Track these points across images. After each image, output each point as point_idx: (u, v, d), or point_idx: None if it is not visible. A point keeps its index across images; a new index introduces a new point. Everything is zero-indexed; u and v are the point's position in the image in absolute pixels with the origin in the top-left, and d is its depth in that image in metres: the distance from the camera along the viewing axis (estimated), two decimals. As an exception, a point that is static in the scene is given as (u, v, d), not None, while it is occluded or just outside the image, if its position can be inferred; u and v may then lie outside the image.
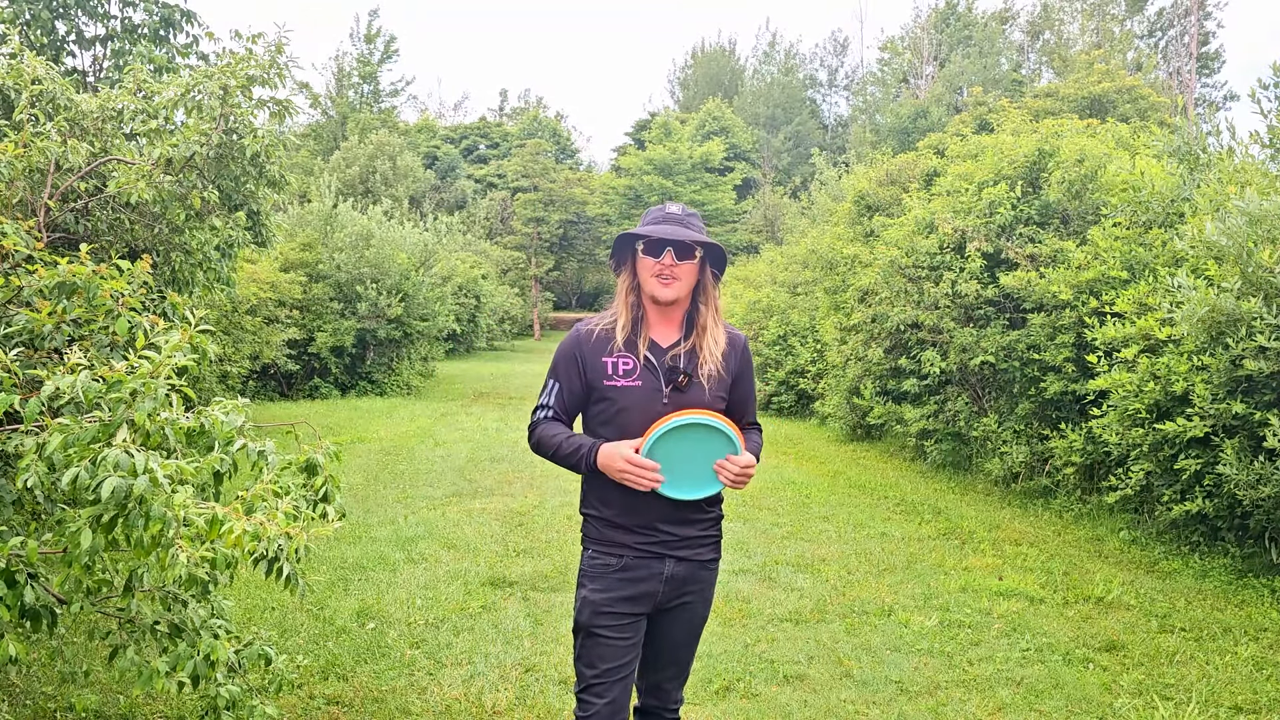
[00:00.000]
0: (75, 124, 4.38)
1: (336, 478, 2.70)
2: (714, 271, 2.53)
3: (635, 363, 2.44)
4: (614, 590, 2.43)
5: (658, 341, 2.48)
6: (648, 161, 39.31)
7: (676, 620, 2.53)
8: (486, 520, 7.15)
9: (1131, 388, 6.17)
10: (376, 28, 46.47)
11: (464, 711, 3.79)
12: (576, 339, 2.50)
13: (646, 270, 2.44)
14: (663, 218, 2.48)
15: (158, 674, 2.52)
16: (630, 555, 2.44)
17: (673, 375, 2.43)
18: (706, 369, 2.44)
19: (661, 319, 2.50)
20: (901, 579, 5.73)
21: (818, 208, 23.13)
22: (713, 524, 2.54)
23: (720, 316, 2.54)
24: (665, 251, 2.40)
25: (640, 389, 2.42)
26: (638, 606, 2.45)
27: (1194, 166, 7.19)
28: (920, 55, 45.29)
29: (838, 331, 11.70)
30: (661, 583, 2.45)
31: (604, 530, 2.47)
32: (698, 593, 2.52)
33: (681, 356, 2.46)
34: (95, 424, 2.07)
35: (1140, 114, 22.65)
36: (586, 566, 2.50)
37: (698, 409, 2.36)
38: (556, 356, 2.53)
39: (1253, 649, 4.56)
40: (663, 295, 2.42)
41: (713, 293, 2.52)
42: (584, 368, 2.46)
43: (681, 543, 2.46)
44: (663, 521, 2.44)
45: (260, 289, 14.19)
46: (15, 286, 2.64)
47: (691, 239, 2.41)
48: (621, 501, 2.43)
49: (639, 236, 2.45)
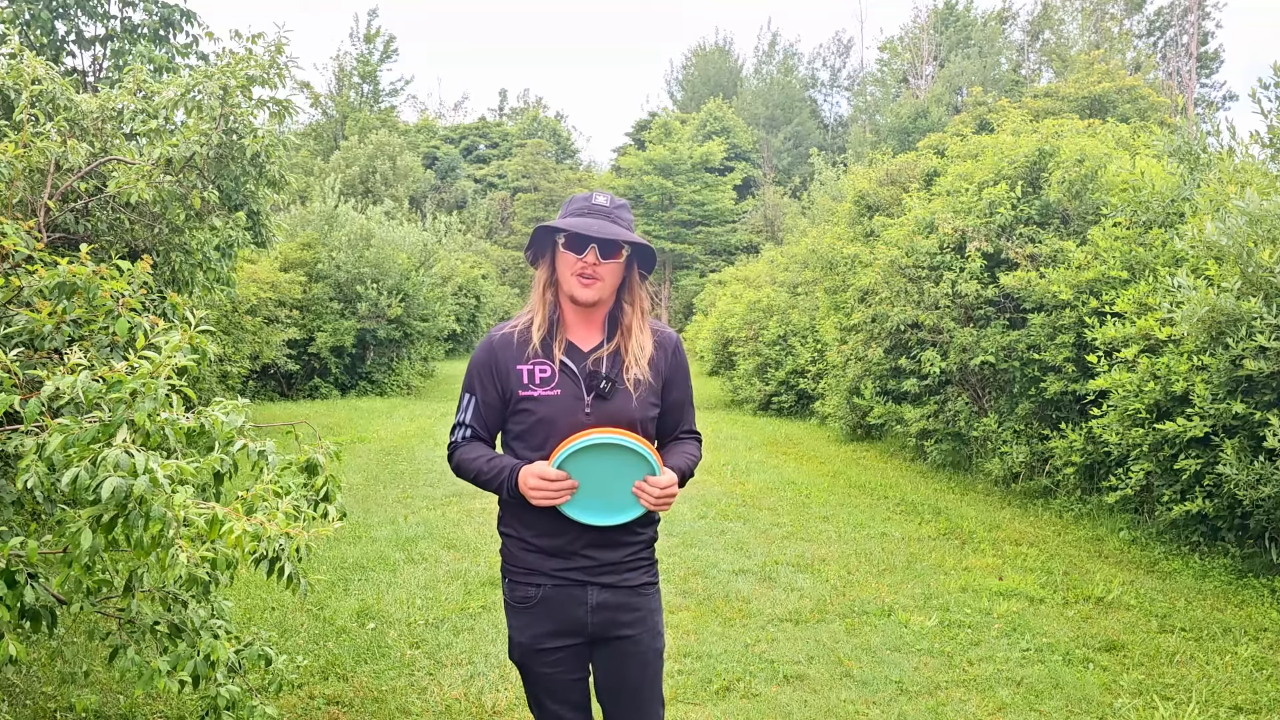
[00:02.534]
0: (75, 124, 4.38)
1: (337, 478, 2.70)
2: (641, 272, 2.30)
3: (552, 369, 2.21)
4: (537, 626, 2.24)
5: (577, 345, 2.24)
6: (648, 161, 39.29)
7: (625, 657, 2.27)
8: (486, 520, 7.15)
9: (1131, 388, 6.17)
10: (376, 27, 46.51)
11: (464, 711, 3.79)
12: (490, 346, 2.26)
13: (566, 267, 2.19)
14: (588, 209, 2.22)
15: (158, 674, 2.52)
16: (549, 584, 2.22)
17: (594, 381, 2.20)
18: (633, 374, 2.21)
19: (581, 320, 2.26)
20: (901, 579, 5.73)
21: (817, 208, 23.13)
22: (643, 546, 2.30)
23: (647, 317, 2.31)
24: (589, 249, 2.16)
25: (560, 398, 2.18)
26: (569, 639, 2.25)
27: (1194, 166, 7.19)
28: (920, 55, 45.27)
29: (838, 331, 11.70)
30: (588, 612, 2.23)
31: (521, 554, 2.25)
32: (638, 621, 2.26)
33: (604, 360, 2.22)
34: (95, 424, 2.07)
35: (1140, 114, 22.65)
36: (508, 598, 2.30)
37: (607, 428, 2.14)
38: (471, 368, 2.29)
39: (1253, 649, 4.56)
40: (583, 296, 2.19)
41: (639, 292, 2.29)
42: (499, 377, 2.23)
43: (605, 568, 2.22)
44: (588, 546, 2.21)
45: (260, 289, 14.20)
46: (15, 287, 2.64)
47: (619, 238, 2.16)
48: (540, 523, 2.21)
49: (560, 229, 2.20)
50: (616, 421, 2.19)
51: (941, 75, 41.35)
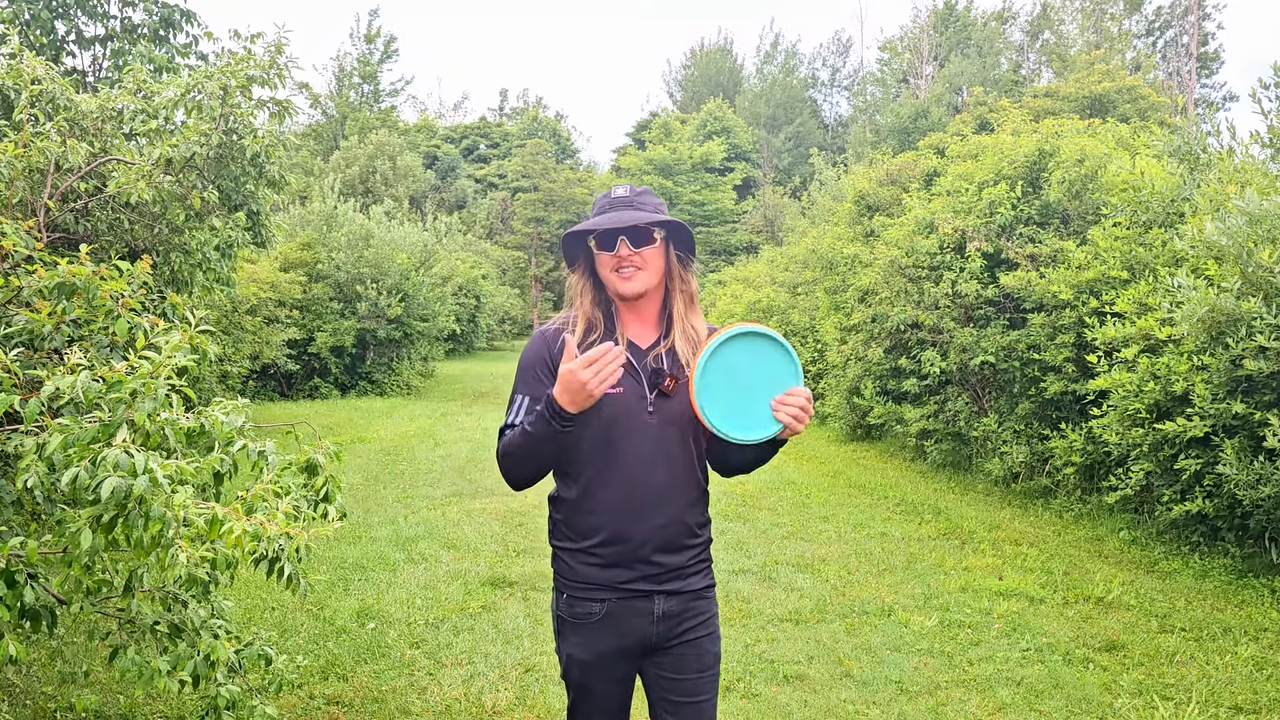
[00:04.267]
0: (75, 124, 4.37)
1: (337, 478, 2.70)
2: (680, 255, 2.19)
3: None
4: (601, 644, 2.12)
5: (635, 342, 2.16)
6: (648, 161, 39.32)
7: (684, 660, 2.16)
8: (486, 520, 7.15)
9: (1131, 388, 6.17)
10: (376, 28, 46.53)
11: (464, 711, 3.79)
12: (544, 342, 2.17)
13: (605, 266, 2.12)
14: (609, 204, 2.15)
15: (158, 674, 2.52)
16: (613, 599, 2.11)
17: (657, 379, 2.11)
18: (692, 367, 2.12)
19: (635, 316, 2.18)
20: (901, 579, 5.73)
21: (817, 208, 23.13)
22: (704, 548, 2.22)
23: (696, 306, 2.23)
24: (619, 242, 2.07)
25: (623, 397, 2.09)
26: (631, 655, 2.16)
27: (1194, 166, 7.19)
28: (920, 55, 45.28)
29: (838, 331, 11.70)
30: (653, 623, 2.12)
31: (579, 568, 2.13)
32: (700, 626, 2.18)
33: (663, 357, 2.14)
34: (95, 424, 2.06)
35: (1140, 114, 22.64)
36: (564, 614, 2.15)
37: (750, 322, 2.00)
38: (523, 366, 2.19)
39: (1253, 649, 4.55)
40: (627, 290, 2.10)
41: (682, 275, 2.19)
42: (555, 376, 2.08)
43: (671, 574, 2.13)
44: (658, 550, 2.10)
45: (260, 289, 14.20)
46: (15, 287, 2.64)
47: (645, 220, 2.07)
48: (603, 526, 2.10)
49: (587, 233, 2.13)
50: (679, 420, 2.12)
51: (941, 75, 41.36)
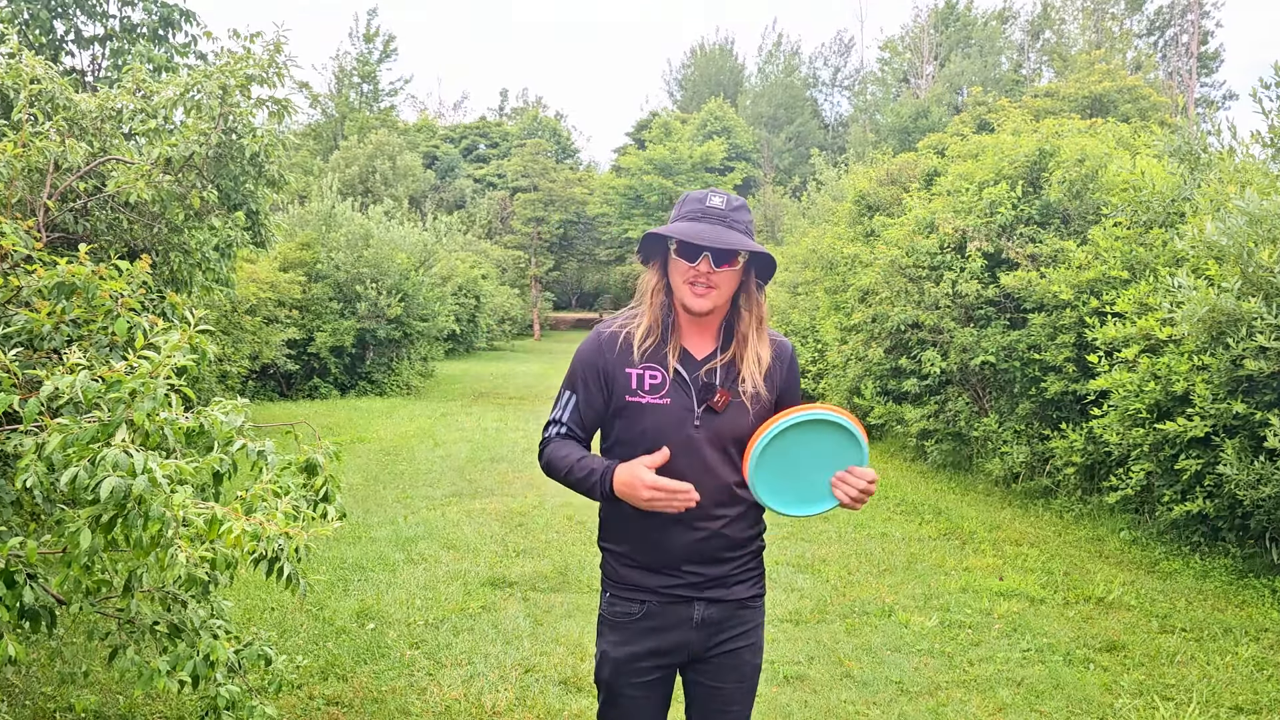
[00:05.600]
0: (74, 123, 4.37)
1: (336, 478, 2.69)
2: (758, 281, 2.14)
3: (664, 376, 2.07)
4: (637, 643, 2.12)
5: (691, 353, 2.11)
6: (648, 161, 39.30)
7: (722, 670, 2.14)
8: (486, 520, 7.14)
9: (1132, 388, 6.16)
10: (375, 27, 46.50)
11: (464, 712, 3.79)
12: (598, 344, 2.13)
13: (679, 274, 2.06)
14: (701, 212, 2.06)
15: (157, 674, 2.51)
16: (654, 601, 2.11)
17: (708, 394, 2.06)
18: (748, 386, 2.07)
19: (695, 326, 2.14)
20: (902, 579, 5.73)
21: (817, 208, 23.12)
22: (752, 557, 2.17)
23: (765, 325, 2.16)
24: (701, 257, 2.02)
25: (668, 408, 2.05)
26: (667, 659, 2.13)
27: (1194, 166, 7.19)
28: (920, 55, 45.28)
29: (838, 331, 11.69)
30: (692, 629, 2.11)
31: (622, 570, 2.14)
32: (742, 636, 2.14)
33: (718, 371, 2.09)
34: (94, 424, 2.06)
35: (1141, 114, 22.63)
36: (605, 613, 2.18)
37: (823, 405, 1.98)
38: (575, 364, 2.17)
39: (1253, 649, 4.55)
40: (696, 306, 2.04)
41: (757, 297, 2.13)
42: (606, 378, 2.10)
43: (712, 582, 2.11)
44: (690, 561, 2.08)
45: (260, 289, 14.20)
46: (14, 287, 2.64)
47: (734, 246, 2.00)
48: (642, 536, 2.10)
49: (671, 236, 2.06)
50: (724, 437, 2.07)
51: (942, 75, 41.36)
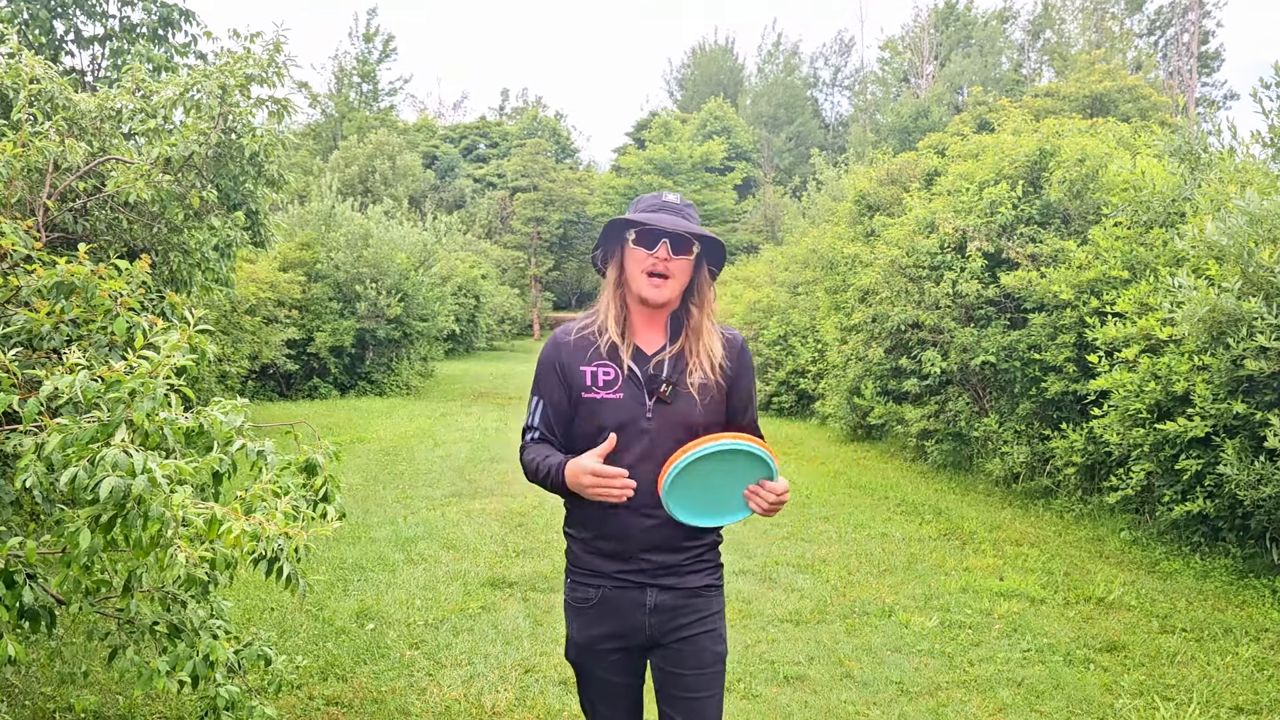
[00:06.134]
0: (74, 123, 4.36)
1: (336, 478, 2.69)
2: (711, 269, 2.25)
3: (617, 372, 2.16)
4: (595, 628, 2.21)
5: (642, 348, 2.20)
6: (648, 161, 39.30)
7: (682, 656, 2.20)
8: (486, 520, 7.14)
9: (1132, 388, 6.16)
10: (375, 27, 46.51)
11: (464, 712, 3.79)
12: (555, 347, 2.24)
13: (636, 264, 2.16)
14: (659, 205, 2.20)
15: (157, 674, 2.51)
16: (608, 586, 2.19)
17: (655, 385, 2.15)
18: (696, 377, 2.16)
19: (647, 322, 2.23)
20: (902, 579, 5.73)
21: (817, 208, 23.12)
22: (707, 549, 2.25)
23: (714, 324, 2.26)
24: (660, 243, 2.12)
25: (622, 402, 2.14)
26: (626, 642, 2.22)
27: (1195, 166, 7.18)
28: (920, 55, 45.28)
29: (838, 331, 11.69)
30: (646, 614, 2.19)
31: (582, 555, 2.24)
32: (697, 623, 2.20)
33: (665, 364, 2.17)
34: (94, 424, 2.06)
35: (1141, 113, 22.61)
36: (568, 598, 2.28)
37: (730, 434, 2.08)
38: (538, 369, 2.27)
39: (1254, 649, 4.55)
40: (653, 297, 2.14)
41: (707, 294, 2.24)
42: (566, 379, 2.19)
43: (665, 570, 2.18)
44: (645, 550, 2.16)
45: (259, 289, 14.20)
46: (14, 286, 2.64)
47: (691, 231, 2.14)
48: (600, 524, 2.17)
49: (631, 224, 2.16)
50: (678, 427, 2.14)
51: (942, 75, 41.37)
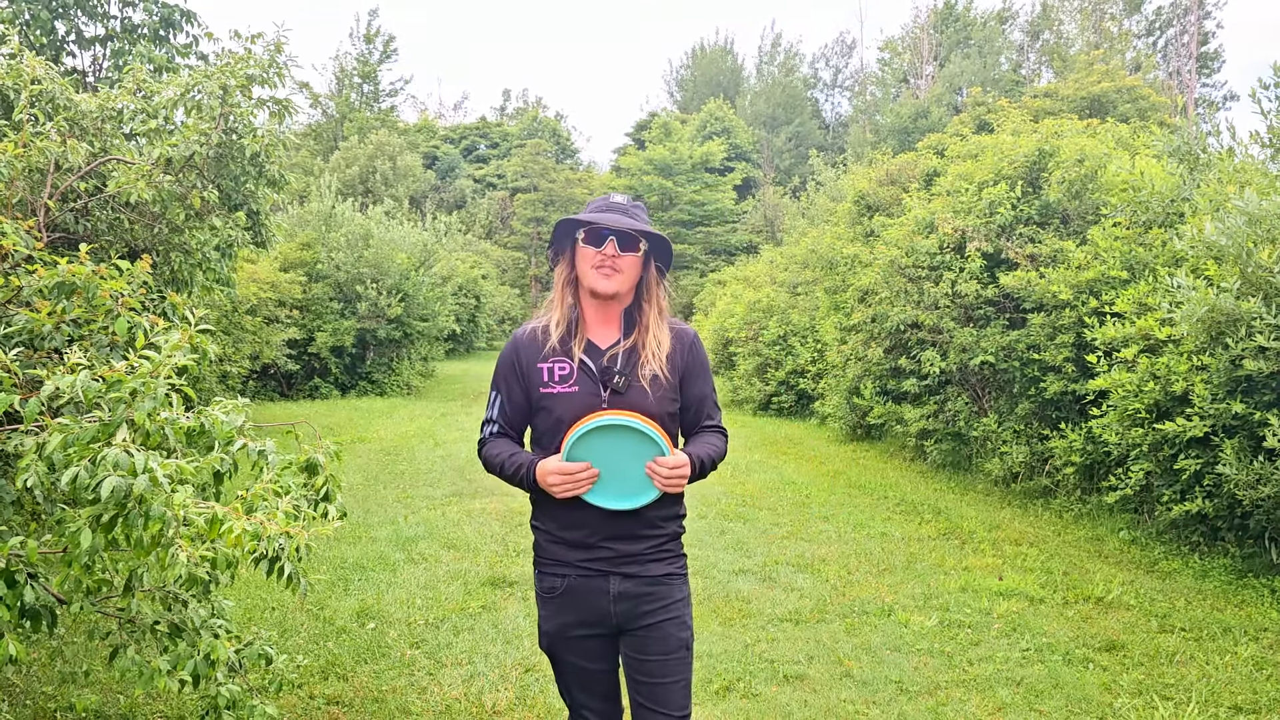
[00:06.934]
0: (75, 124, 4.37)
1: (337, 477, 2.70)
2: (659, 267, 2.36)
3: (571, 366, 2.26)
4: (563, 616, 2.29)
5: (595, 342, 2.30)
6: (647, 161, 39.29)
7: (647, 642, 2.27)
8: (486, 520, 7.15)
9: (1131, 388, 6.17)
10: (376, 27, 46.52)
11: (464, 711, 3.79)
12: (514, 345, 2.34)
13: (586, 261, 2.26)
14: (606, 206, 2.33)
15: (158, 673, 2.52)
16: (573, 575, 2.27)
17: (608, 377, 2.23)
18: (648, 369, 2.25)
19: (600, 318, 2.32)
20: (901, 579, 5.73)
21: (817, 208, 23.13)
22: (668, 539, 2.32)
23: (665, 314, 2.36)
24: (607, 240, 2.23)
25: (577, 395, 2.23)
26: (595, 629, 2.29)
27: (1194, 166, 7.19)
28: (920, 55, 45.28)
29: (838, 331, 11.70)
30: (610, 601, 2.26)
31: (548, 546, 2.32)
32: (661, 610, 2.27)
33: (619, 357, 2.27)
34: (95, 424, 2.06)
35: (1140, 114, 22.63)
36: (537, 589, 2.36)
37: (620, 410, 2.16)
38: (497, 366, 2.37)
39: (1253, 649, 4.55)
40: (602, 287, 2.23)
41: (656, 290, 2.35)
42: (523, 376, 2.30)
43: (627, 559, 2.26)
44: (608, 539, 2.24)
45: (260, 289, 14.21)
46: (15, 286, 2.64)
47: (636, 229, 2.25)
48: (564, 516, 2.26)
49: (580, 224, 2.27)
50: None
51: (941, 75, 41.36)
